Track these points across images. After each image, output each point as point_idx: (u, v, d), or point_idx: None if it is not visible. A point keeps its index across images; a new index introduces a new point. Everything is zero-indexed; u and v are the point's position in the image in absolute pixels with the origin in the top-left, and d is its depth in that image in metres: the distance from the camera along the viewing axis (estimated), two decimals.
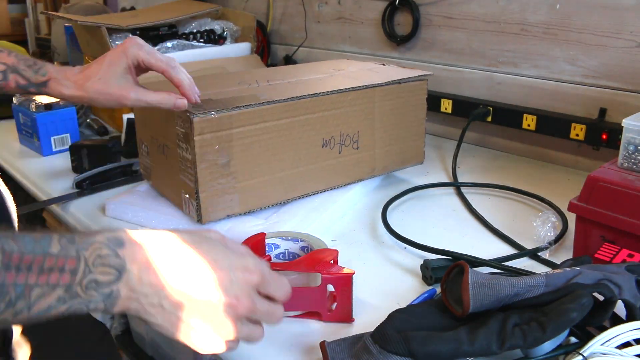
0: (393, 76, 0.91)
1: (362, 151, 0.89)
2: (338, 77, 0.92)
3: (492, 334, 0.47)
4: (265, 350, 0.56)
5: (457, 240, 0.78)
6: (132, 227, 0.78)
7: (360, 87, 0.85)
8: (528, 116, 1.05)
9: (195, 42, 1.34)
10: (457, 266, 0.54)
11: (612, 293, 0.49)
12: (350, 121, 0.86)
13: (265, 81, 0.87)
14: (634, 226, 0.63)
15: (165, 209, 0.83)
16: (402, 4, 1.24)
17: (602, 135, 0.95)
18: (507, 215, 0.86)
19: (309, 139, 0.82)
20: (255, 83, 0.85)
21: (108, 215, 0.86)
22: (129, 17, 1.37)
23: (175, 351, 1.11)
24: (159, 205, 0.84)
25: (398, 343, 0.47)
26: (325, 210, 0.84)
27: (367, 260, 0.73)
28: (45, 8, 3.21)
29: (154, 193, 0.89)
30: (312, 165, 0.83)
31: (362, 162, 0.90)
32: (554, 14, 1.02)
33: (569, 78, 1.03)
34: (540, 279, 0.50)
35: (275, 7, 1.58)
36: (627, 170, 0.68)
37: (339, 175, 0.88)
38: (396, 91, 0.90)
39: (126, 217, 0.84)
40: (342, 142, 0.85)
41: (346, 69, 0.98)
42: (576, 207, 0.68)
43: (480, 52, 1.14)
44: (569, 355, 0.49)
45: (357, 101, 0.86)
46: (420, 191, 0.95)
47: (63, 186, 0.99)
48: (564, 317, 0.47)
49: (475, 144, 1.20)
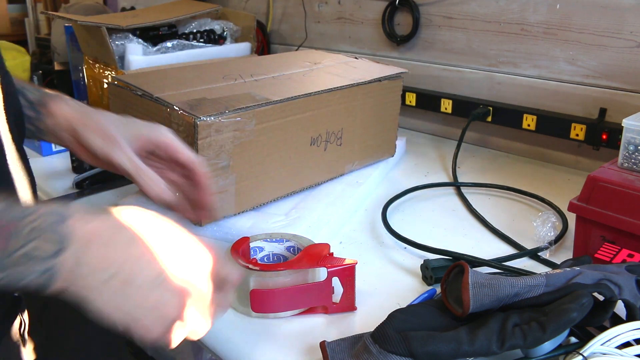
0: (373, 73, 0.93)
1: (344, 147, 0.91)
2: (320, 73, 0.93)
3: (492, 334, 0.47)
4: (265, 350, 0.57)
5: (457, 240, 0.78)
6: None
7: (347, 85, 0.87)
8: (528, 116, 1.05)
9: (195, 42, 1.33)
10: (457, 266, 0.54)
11: (612, 293, 0.49)
12: (335, 119, 0.87)
13: (249, 75, 0.87)
14: (634, 226, 0.63)
15: None
16: (402, 4, 1.24)
17: (602, 135, 0.95)
18: (507, 215, 0.86)
19: (299, 138, 0.82)
20: (240, 78, 0.85)
21: None
22: (129, 17, 1.37)
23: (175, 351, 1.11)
24: None
25: (398, 343, 0.47)
26: (342, 205, 0.85)
27: (367, 260, 0.73)
28: (45, 8, 3.21)
29: None
30: (300, 164, 0.84)
31: (343, 157, 0.92)
32: (554, 14, 1.02)
33: (569, 78, 1.03)
34: (540, 279, 0.50)
35: (275, 7, 1.58)
36: (627, 170, 0.68)
37: (323, 172, 0.89)
38: (377, 88, 0.93)
39: None
40: (327, 140, 0.87)
41: (322, 62, 1.00)
42: (576, 207, 0.68)
43: (480, 52, 1.14)
44: (569, 355, 0.49)
45: (343, 99, 0.87)
46: (420, 191, 0.95)
47: (63, 186, 0.99)
48: (564, 317, 0.47)
49: (475, 144, 1.20)
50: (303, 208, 0.83)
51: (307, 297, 0.60)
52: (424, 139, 1.25)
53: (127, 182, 1.00)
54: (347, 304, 0.61)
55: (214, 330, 0.61)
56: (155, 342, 0.42)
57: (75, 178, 0.98)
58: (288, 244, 0.68)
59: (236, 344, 0.58)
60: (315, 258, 0.60)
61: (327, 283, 0.60)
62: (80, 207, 0.41)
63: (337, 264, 0.60)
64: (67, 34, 1.47)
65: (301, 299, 0.60)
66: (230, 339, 0.59)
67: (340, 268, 0.59)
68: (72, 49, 1.45)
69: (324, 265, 0.59)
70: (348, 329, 0.59)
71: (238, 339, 0.59)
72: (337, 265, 0.59)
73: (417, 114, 1.29)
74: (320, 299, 0.60)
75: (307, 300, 0.61)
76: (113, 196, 0.95)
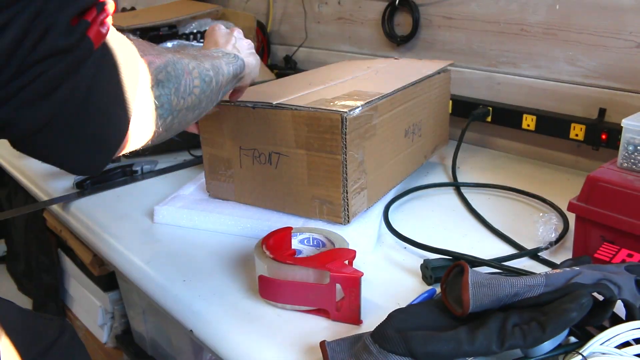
0: (425, 68, 0.98)
1: (423, 138, 0.96)
2: (383, 72, 0.99)
3: (492, 333, 0.47)
4: (265, 350, 0.57)
5: (457, 240, 0.79)
6: (184, 233, 0.81)
7: (422, 78, 0.92)
8: (528, 116, 1.05)
9: (195, 42, 1.34)
10: (457, 266, 0.54)
11: (612, 293, 0.50)
12: (417, 111, 0.92)
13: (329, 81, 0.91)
14: (634, 226, 0.63)
15: (224, 209, 0.83)
16: (402, 4, 1.24)
17: (601, 135, 0.95)
18: (507, 215, 0.86)
19: (398, 130, 0.86)
20: (322, 84, 0.88)
21: (157, 222, 0.84)
22: (129, 17, 1.37)
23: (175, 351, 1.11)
24: (216, 206, 0.84)
25: (398, 343, 0.48)
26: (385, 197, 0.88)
27: (367, 259, 0.73)
28: None
29: (201, 196, 0.89)
30: (400, 155, 0.88)
31: (422, 149, 0.97)
32: (553, 14, 1.02)
33: (568, 78, 1.03)
34: (540, 279, 0.50)
35: (275, 7, 1.58)
36: (626, 170, 0.68)
37: (411, 163, 0.94)
38: (438, 80, 0.99)
39: (180, 221, 0.83)
40: (414, 132, 0.91)
41: (374, 66, 1.06)
42: (576, 207, 0.68)
43: (480, 52, 1.15)
44: (569, 354, 0.49)
45: (422, 91, 0.92)
46: (421, 191, 0.95)
47: (63, 186, 1.00)
48: (564, 316, 0.47)
49: (475, 144, 1.20)
50: None
51: (309, 297, 0.60)
52: None
53: (127, 182, 1.00)
54: (349, 314, 0.60)
55: (214, 330, 0.61)
56: None
57: (76, 178, 0.98)
58: (322, 240, 0.70)
59: (236, 344, 0.58)
60: (328, 260, 0.60)
61: (330, 287, 0.59)
62: None
63: (343, 271, 0.59)
64: None
65: (304, 297, 0.61)
66: (230, 339, 0.59)
67: (342, 275, 0.58)
68: None
69: (329, 269, 0.59)
70: (348, 329, 0.59)
71: (238, 339, 0.59)
72: (341, 272, 0.58)
73: None
74: (322, 302, 0.60)
75: (310, 299, 0.61)
76: (114, 196, 0.95)
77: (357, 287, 0.59)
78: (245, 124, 0.79)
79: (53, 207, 0.95)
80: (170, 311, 0.67)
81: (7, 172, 1.17)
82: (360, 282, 0.59)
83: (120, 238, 0.81)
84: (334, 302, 0.60)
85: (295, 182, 0.77)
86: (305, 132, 0.73)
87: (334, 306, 0.60)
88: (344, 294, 0.59)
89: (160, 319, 1.13)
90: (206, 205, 0.85)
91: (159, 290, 0.69)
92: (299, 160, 0.76)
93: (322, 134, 0.72)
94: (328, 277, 0.59)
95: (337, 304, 0.60)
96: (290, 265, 0.60)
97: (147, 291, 0.71)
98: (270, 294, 0.63)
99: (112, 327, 1.47)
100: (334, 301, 0.60)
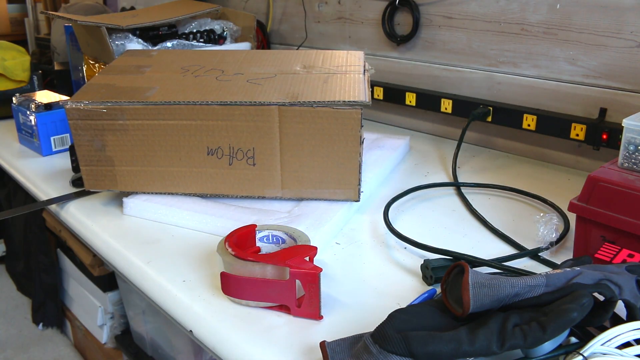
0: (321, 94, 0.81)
1: (260, 169, 0.84)
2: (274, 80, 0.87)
3: (493, 334, 0.47)
4: (264, 350, 0.57)
5: (457, 240, 0.78)
6: (152, 225, 0.83)
7: (252, 102, 0.80)
8: (528, 116, 1.05)
9: (195, 42, 1.34)
10: (457, 266, 0.54)
11: (613, 293, 0.49)
12: (240, 135, 0.82)
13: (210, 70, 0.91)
14: (634, 226, 0.63)
15: (187, 205, 0.85)
16: (402, 4, 1.24)
17: (602, 135, 0.95)
18: (508, 215, 0.86)
19: (189, 143, 0.84)
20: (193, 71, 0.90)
21: (126, 214, 0.87)
22: (129, 17, 1.37)
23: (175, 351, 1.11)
24: (179, 201, 0.86)
25: (398, 343, 0.47)
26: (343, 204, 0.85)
27: (367, 259, 0.73)
28: (45, 8, 3.20)
29: None
30: (195, 169, 0.86)
31: (260, 179, 0.85)
32: (554, 14, 1.02)
33: (569, 78, 1.03)
34: (540, 279, 0.50)
35: (275, 7, 1.58)
36: (627, 170, 0.68)
37: (231, 185, 0.86)
38: (309, 115, 0.79)
39: (146, 215, 0.86)
40: (232, 155, 0.84)
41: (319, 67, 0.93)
42: (576, 207, 0.68)
43: (480, 52, 1.14)
44: (569, 355, 0.49)
45: (249, 117, 0.81)
46: (421, 191, 0.95)
47: (63, 186, 0.99)
48: (565, 317, 0.47)
49: (475, 144, 1.20)
50: (305, 206, 0.83)
51: (270, 293, 0.61)
52: (424, 139, 1.25)
53: None
54: (309, 310, 0.61)
55: (214, 330, 0.61)
56: None
57: (74, 176, 0.98)
58: (285, 237, 0.71)
59: (236, 344, 0.58)
60: (288, 256, 0.61)
61: (290, 283, 0.60)
62: None
63: (302, 267, 0.60)
64: (67, 34, 1.47)
65: (266, 293, 0.61)
66: (230, 339, 0.59)
67: (301, 271, 0.59)
68: (72, 49, 1.45)
69: (289, 265, 0.60)
70: (348, 329, 0.59)
71: (238, 339, 0.59)
72: (300, 268, 0.59)
73: (417, 114, 1.30)
74: (283, 298, 0.61)
75: (271, 295, 0.61)
76: (113, 196, 0.95)
77: (316, 282, 0.60)
78: None
79: (52, 207, 0.94)
80: (170, 312, 0.67)
81: (6, 172, 1.17)
82: (319, 278, 0.59)
83: (120, 238, 0.81)
84: (294, 298, 0.61)
85: None
86: None
87: (295, 302, 0.61)
88: (304, 289, 0.60)
89: (160, 319, 1.13)
90: (170, 199, 0.87)
91: (159, 290, 0.69)
92: None
93: None
94: (288, 273, 0.60)
95: (297, 300, 0.61)
96: (251, 262, 0.61)
97: (147, 291, 0.71)
98: (232, 291, 0.64)
99: (111, 327, 1.47)
100: (294, 297, 0.61)
